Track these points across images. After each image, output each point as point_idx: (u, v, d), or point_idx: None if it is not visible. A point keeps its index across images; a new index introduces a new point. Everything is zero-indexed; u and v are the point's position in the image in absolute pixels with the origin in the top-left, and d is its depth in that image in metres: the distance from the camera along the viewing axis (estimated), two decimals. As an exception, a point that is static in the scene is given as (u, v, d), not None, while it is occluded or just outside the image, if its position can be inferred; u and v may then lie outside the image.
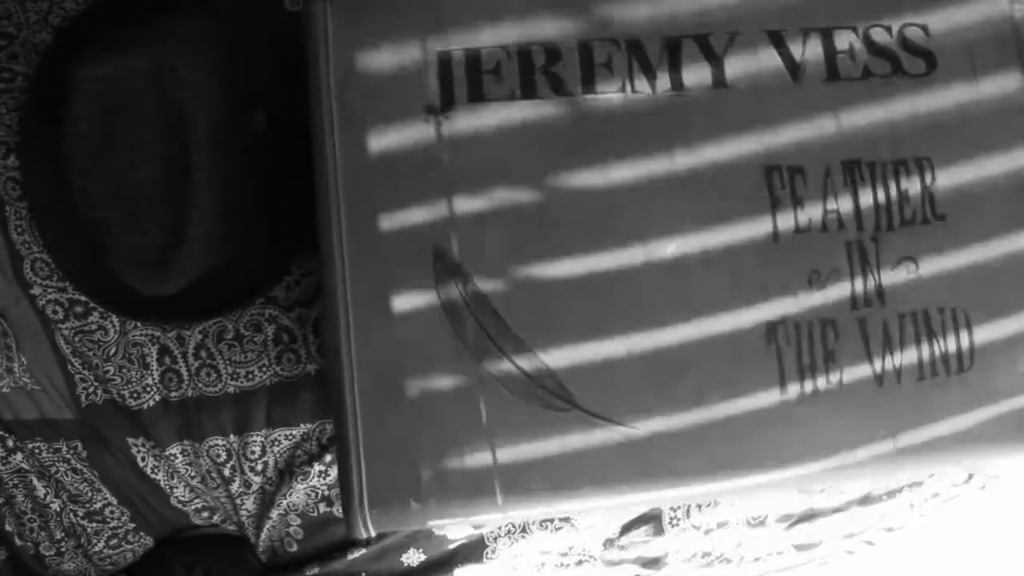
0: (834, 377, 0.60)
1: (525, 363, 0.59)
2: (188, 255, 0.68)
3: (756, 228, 0.60)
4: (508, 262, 0.59)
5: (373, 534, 0.59)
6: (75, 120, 0.67)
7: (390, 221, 0.59)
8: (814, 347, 0.60)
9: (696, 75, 0.61)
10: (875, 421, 0.60)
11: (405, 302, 0.59)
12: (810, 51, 0.61)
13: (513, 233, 0.59)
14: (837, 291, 0.60)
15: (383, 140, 0.59)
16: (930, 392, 0.60)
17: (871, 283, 0.60)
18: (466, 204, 0.59)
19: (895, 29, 0.62)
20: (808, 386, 0.59)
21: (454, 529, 0.83)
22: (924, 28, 0.62)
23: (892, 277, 0.61)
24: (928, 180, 0.61)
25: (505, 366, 0.59)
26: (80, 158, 0.68)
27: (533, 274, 0.59)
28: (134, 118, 0.67)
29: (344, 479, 0.59)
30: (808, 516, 0.86)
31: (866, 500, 0.85)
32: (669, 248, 0.60)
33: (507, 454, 0.58)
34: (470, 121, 0.60)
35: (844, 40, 0.62)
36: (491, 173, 0.59)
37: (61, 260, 0.77)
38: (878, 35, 0.62)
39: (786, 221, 0.60)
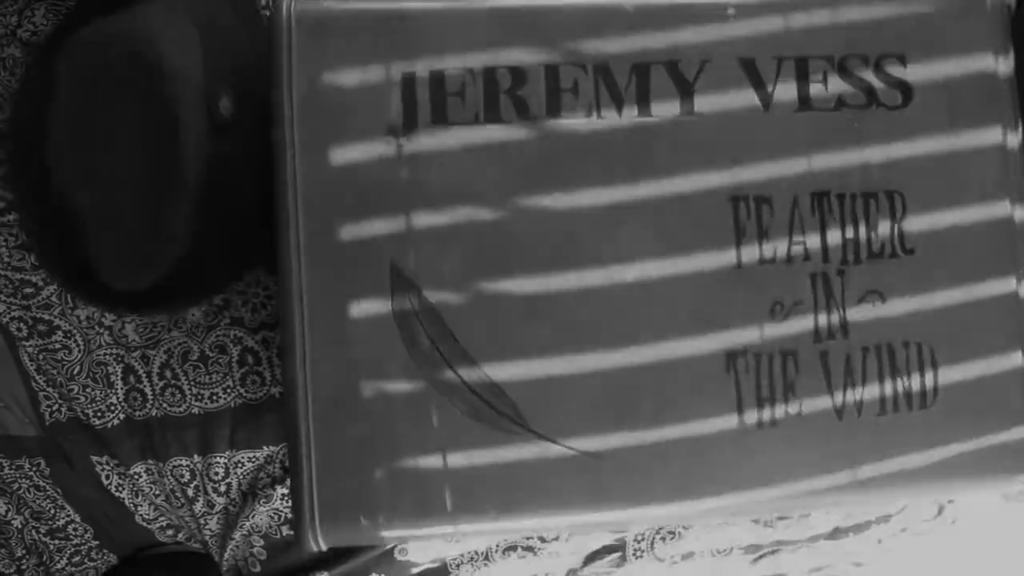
0: (793, 408, 0.56)
1: (478, 382, 0.54)
2: (163, 250, 0.63)
3: (719, 257, 0.56)
4: (466, 280, 0.55)
5: (324, 548, 0.54)
6: (56, 111, 0.62)
7: (348, 233, 0.55)
8: (774, 378, 0.56)
9: (664, 102, 0.56)
10: (834, 453, 0.56)
11: (361, 314, 0.55)
12: (783, 80, 0.57)
13: (472, 251, 0.55)
14: (800, 323, 0.56)
15: (344, 156, 0.55)
16: (891, 426, 0.56)
17: (835, 316, 0.56)
18: (425, 219, 0.55)
19: (872, 59, 0.57)
20: (766, 416, 0.55)
21: (417, 553, 0.77)
22: (902, 60, 0.58)
23: (857, 310, 0.57)
24: (898, 214, 0.57)
25: (458, 384, 0.54)
26: (60, 148, 0.63)
27: (490, 292, 0.55)
28: (115, 110, 0.63)
29: (295, 492, 0.54)
30: (774, 549, 0.80)
31: (834, 534, 0.80)
32: (629, 274, 0.55)
33: (459, 471, 0.54)
34: (432, 142, 0.55)
35: (819, 70, 0.57)
36: (452, 192, 0.55)
37: (39, 248, 0.72)
38: (854, 65, 0.57)
39: (750, 251, 0.56)
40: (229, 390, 0.74)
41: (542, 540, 0.78)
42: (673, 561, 0.79)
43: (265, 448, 0.75)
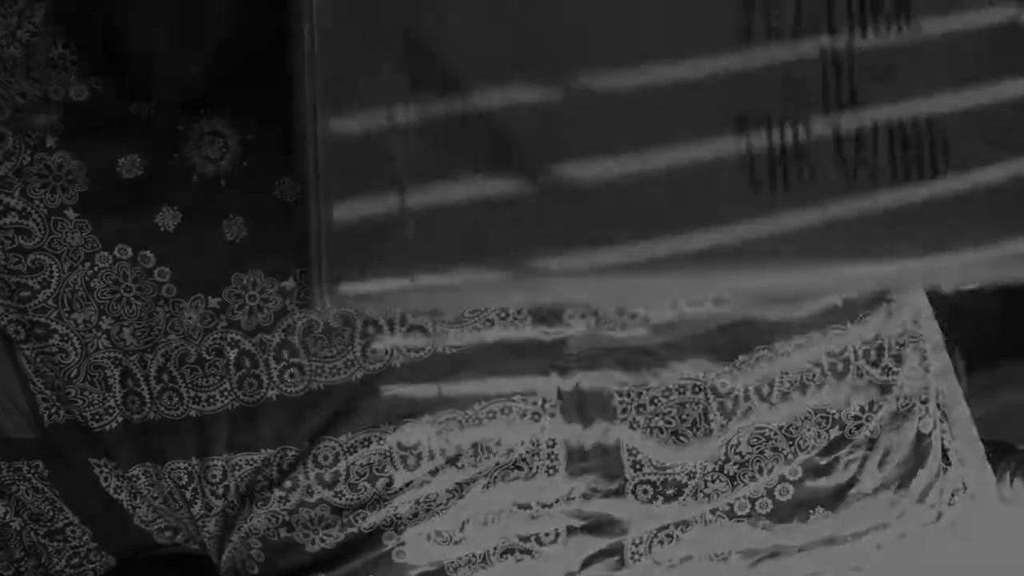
0: (805, 173, 0.56)
1: (474, 110, 0.54)
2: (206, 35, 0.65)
3: (727, 23, 0.56)
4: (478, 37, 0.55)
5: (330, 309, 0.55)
6: None
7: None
8: (785, 143, 0.56)
9: None
10: (845, 221, 0.56)
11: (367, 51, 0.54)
12: None
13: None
14: (809, 93, 0.57)
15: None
16: (903, 195, 0.57)
17: (844, 89, 0.57)
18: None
19: None
20: (778, 179, 0.56)
21: (415, 555, 0.77)
22: None
23: (866, 84, 0.57)
24: None
25: (455, 112, 0.54)
26: None
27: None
28: None
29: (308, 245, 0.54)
30: (773, 553, 0.79)
31: (832, 539, 0.79)
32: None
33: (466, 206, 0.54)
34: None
35: None
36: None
37: (89, 56, 0.70)
38: None
39: (758, 23, 0.56)
40: (226, 393, 0.74)
41: (539, 543, 0.77)
42: (671, 565, 0.79)
43: (263, 451, 0.75)
